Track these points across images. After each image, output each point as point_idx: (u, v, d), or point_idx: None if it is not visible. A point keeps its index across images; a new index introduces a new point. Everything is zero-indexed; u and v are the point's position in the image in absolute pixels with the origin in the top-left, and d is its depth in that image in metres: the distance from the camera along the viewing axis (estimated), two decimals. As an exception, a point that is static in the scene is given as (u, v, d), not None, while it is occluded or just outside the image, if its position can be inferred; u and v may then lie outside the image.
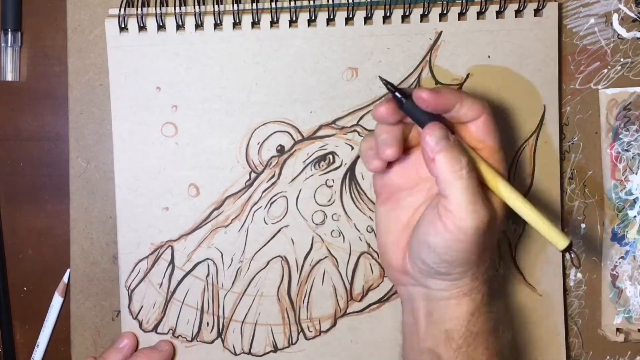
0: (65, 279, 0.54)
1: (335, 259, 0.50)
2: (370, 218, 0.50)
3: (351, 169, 0.50)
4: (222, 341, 0.51)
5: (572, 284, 0.52)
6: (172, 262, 0.50)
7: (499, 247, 0.50)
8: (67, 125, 0.51)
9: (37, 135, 0.53)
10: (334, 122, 0.49)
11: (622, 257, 0.51)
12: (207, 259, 0.50)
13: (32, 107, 0.53)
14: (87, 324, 0.52)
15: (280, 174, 0.50)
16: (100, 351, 0.52)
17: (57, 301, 0.54)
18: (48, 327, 0.54)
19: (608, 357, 0.52)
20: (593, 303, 0.52)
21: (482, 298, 0.41)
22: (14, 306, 0.55)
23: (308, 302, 0.51)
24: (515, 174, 0.50)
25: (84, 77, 0.50)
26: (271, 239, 0.50)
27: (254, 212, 0.50)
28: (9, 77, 0.52)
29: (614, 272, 0.52)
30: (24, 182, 0.54)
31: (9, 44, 0.52)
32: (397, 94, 0.40)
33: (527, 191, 0.50)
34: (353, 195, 0.50)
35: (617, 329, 0.52)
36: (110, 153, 0.50)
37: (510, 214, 0.41)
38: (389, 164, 0.42)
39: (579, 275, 0.52)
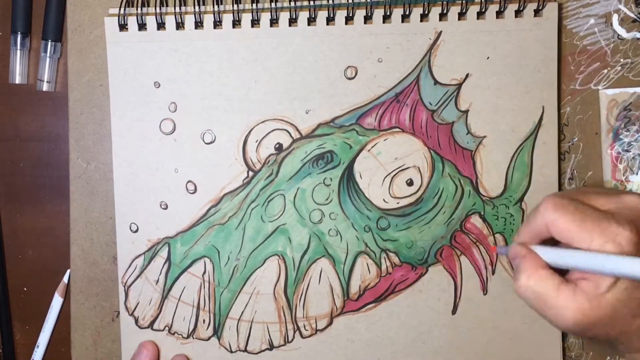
0: (65, 279, 0.54)
1: (333, 258, 0.50)
2: (368, 217, 0.50)
3: (349, 167, 0.50)
4: (218, 338, 0.51)
5: (571, 285, 0.52)
6: (168, 259, 0.50)
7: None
8: (67, 126, 0.51)
9: (37, 135, 0.54)
10: (332, 120, 0.49)
11: (621, 259, 0.51)
12: (204, 256, 0.50)
13: (32, 108, 0.53)
14: (87, 324, 0.52)
15: (278, 172, 0.50)
16: (100, 351, 0.52)
17: (57, 302, 0.54)
18: (48, 328, 0.54)
19: (608, 357, 0.52)
20: (592, 304, 0.52)
21: None
22: (14, 306, 0.55)
23: (304, 301, 0.50)
24: (512, 176, 0.50)
25: (84, 78, 0.51)
26: (268, 237, 0.50)
27: (252, 209, 0.50)
28: (17, 79, 0.53)
29: (614, 274, 0.51)
30: (24, 182, 0.54)
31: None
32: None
33: (524, 193, 0.50)
34: (351, 194, 0.50)
35: (617, 331, 0.51)
36: (110, 154, 0.50)
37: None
38: None
39: (579, 276, 0.52)
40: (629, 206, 0.39)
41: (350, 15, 0.48)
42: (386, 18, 0.49)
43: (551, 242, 0.40)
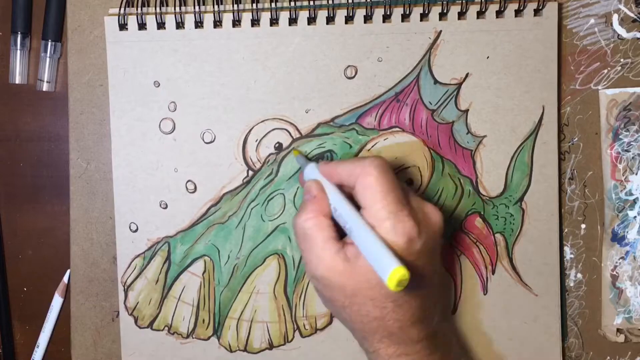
0: (65, 279, 0.54)
1: (332, 257, 0.50)
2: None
3: (349, 167, 0.50)
4: (218, 338, 0.51)
5: (572, 284, 0.52)
6: (168, 258, 0.50)
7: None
8: (67, 126, 0.51)
9: (37, 135, 0.54)
10: (332, 120, 0.49)
11: (622, 258, 0.51)
12: (204, 255, 0.50)
13: (32, 108, 0.53)
14: (87, 324, 0.52)
15: (278, 171, 0.50)
16: (100, 351, 0.52)
17: (57, 302, 0.54)
18: (48, 328, 0.54)
19: (608, 357, 0.52)
20: (593, 303, 0.52)
21: None
22: (14, 306, 0.55)
23: (304, 300, 0.50)
24: (512, 176, 0.50)
25: (84, 78, 0.51)
26: (268, 236, 0.50)
27: (252, 209, 0.50)
28: (17, 79, 0.53)
29: (614, 273, 0.51)
30: (24, 182, 0.54)
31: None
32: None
33: (524, 193, 0.50)
34: (351, 194, 0.50)
35: (617, 330, 0.51)
36: (110, 154, 0.50)
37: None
38: None
39: (579, 275, 0.52)
40: (427, 214, 0.41)
41: (350, 15, 0.48)
42: (386, 18, 0.49)
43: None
